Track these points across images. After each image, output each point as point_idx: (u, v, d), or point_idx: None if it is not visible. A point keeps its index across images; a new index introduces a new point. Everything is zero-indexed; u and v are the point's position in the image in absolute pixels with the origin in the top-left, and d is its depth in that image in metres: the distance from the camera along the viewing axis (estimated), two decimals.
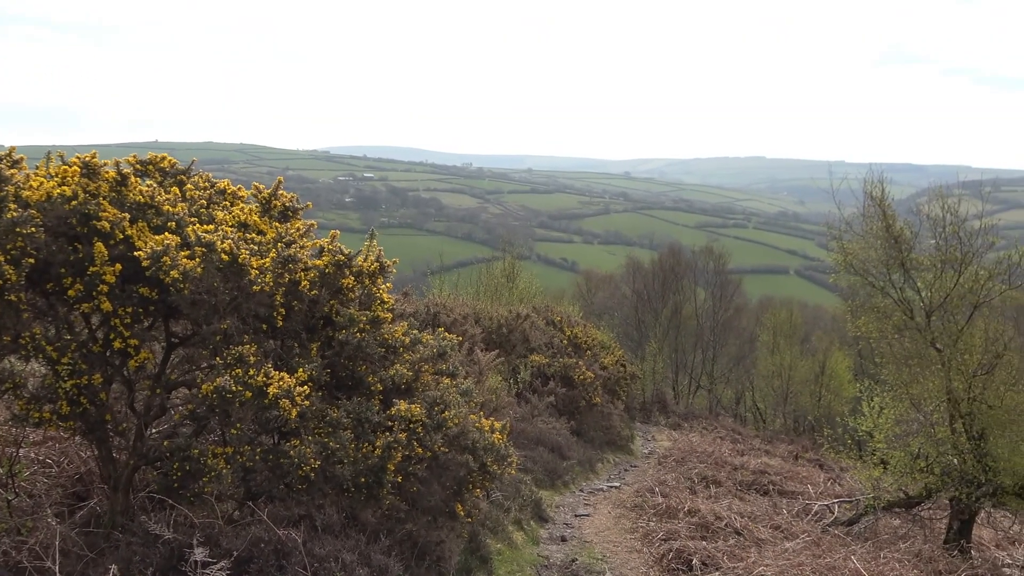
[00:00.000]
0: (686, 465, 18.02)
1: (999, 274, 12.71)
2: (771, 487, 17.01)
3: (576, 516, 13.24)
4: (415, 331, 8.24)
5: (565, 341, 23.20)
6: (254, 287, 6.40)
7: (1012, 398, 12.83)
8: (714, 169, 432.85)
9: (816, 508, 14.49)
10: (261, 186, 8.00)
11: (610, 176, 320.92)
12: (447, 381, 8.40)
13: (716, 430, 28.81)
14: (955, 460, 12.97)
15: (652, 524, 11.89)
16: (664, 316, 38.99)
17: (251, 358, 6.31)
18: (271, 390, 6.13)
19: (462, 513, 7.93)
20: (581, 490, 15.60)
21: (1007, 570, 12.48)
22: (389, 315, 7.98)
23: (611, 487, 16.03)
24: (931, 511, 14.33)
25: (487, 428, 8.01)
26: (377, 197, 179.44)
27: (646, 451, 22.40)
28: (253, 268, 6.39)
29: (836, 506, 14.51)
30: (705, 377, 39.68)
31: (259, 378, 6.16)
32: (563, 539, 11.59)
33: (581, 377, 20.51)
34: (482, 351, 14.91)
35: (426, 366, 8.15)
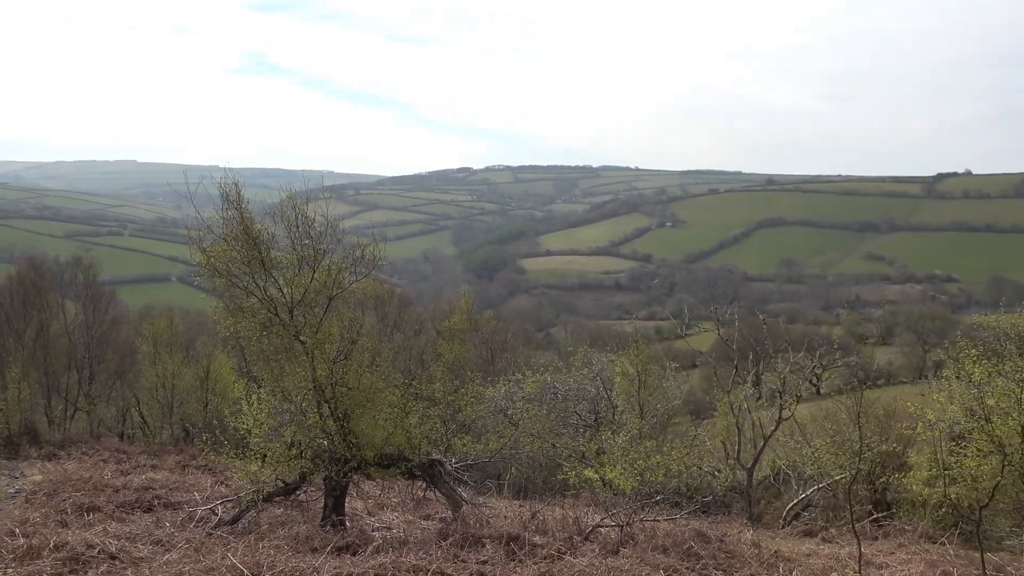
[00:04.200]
0: (59, 497, 16.45)
1: (347, 268, 14.02)
2: (156, 502, 16.47)
3: None
4: None
5: None
6: None
7: (368, 379, 14.28)
8: (81, 174, 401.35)
9: (200, 513, 14.39)
10: None
11: None
12: None
13: (99, 453, 26.93)
14: (325, 442, 13.98)
15: (11, 571, 10.54)
16: (28, 337, 34.99)
17: None
18: None
19: None
20: None
21: (376, 534, 13.83)
22: None
23: None
24: (308, 493, 15.28)
25: None
26: None
27: (12, 491, 19.87)
28: None
29: (220, 507, 14.58)
30: (83, 398, 36.66)
31: None
32: None
33: None
34: None
35: None
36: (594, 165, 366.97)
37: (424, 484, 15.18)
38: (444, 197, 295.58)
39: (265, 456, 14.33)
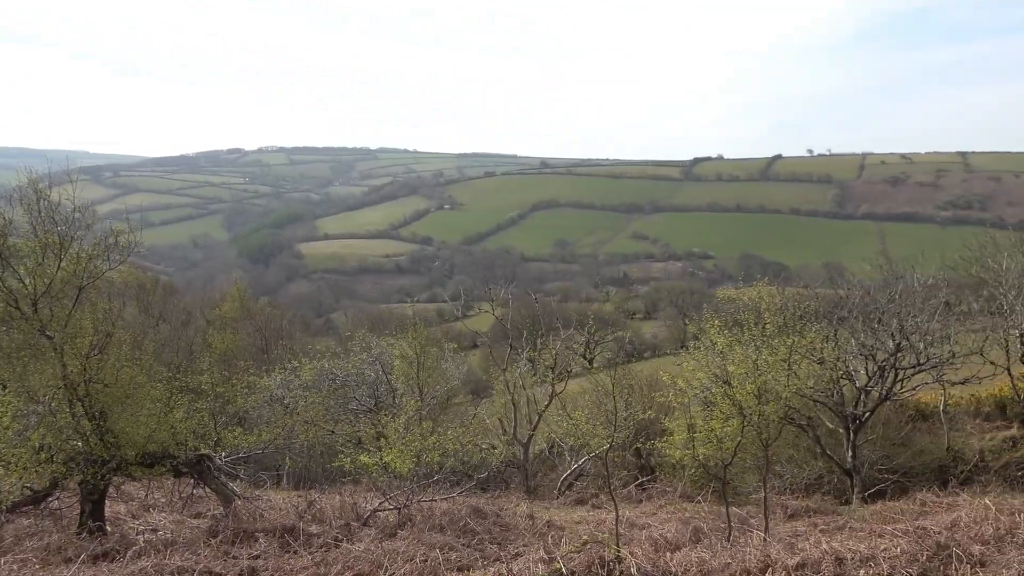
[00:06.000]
0: None
1: (99, 255, 13.04)
2: None
3: None
4: None
5: None
6: None
7: (128, 373, 13.40)
8: None
9: None
10: None
11: None
12: None
13: None
14: (79, 444, 12.98)
15: None
16: None
17: None
18: None
19: None
20: None
21: (139, 537, 13.04)
22: None
23: None
24: (62, 500, 14.15)
25: None
26: None
27: None
28: None
29: None
30: None
31: None
32: None
33: None
34: None
35: None
36: (372, 147, 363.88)
37: (193, 481, 14.51)
38: (214, 180, 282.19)
39: (9, 463, 13.12)
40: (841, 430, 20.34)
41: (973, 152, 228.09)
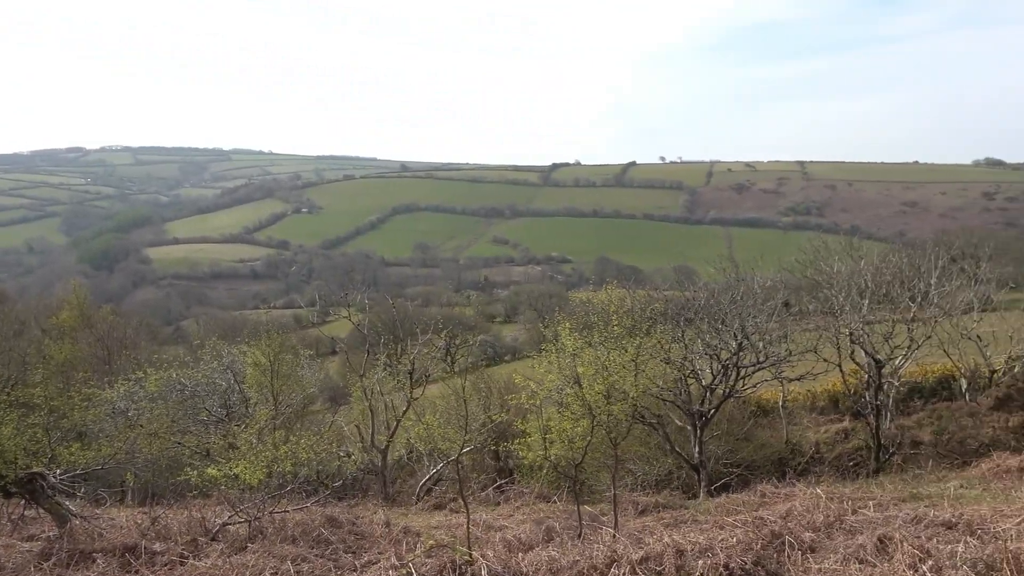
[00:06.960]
0: None
1: None
2: None
3: None
4: None
5: None
6: None
7: None
8: None
9: None
10: None
11: None
12: None
13: None
14: None
15: None
16: None
17: None
18: None
19: None
20: None
21: None
22: None
23: None
24: None
25: None
26: None
27: None
28: None
29: None
30: None
31: None
32: None
33: None
34: None
35: None
36: (225, 148, 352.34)
37: (24, 501, 13.64)
38: (52, 180, 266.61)
39: None
40: (689, 427, 21.17)
41: (811, 161, 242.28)
